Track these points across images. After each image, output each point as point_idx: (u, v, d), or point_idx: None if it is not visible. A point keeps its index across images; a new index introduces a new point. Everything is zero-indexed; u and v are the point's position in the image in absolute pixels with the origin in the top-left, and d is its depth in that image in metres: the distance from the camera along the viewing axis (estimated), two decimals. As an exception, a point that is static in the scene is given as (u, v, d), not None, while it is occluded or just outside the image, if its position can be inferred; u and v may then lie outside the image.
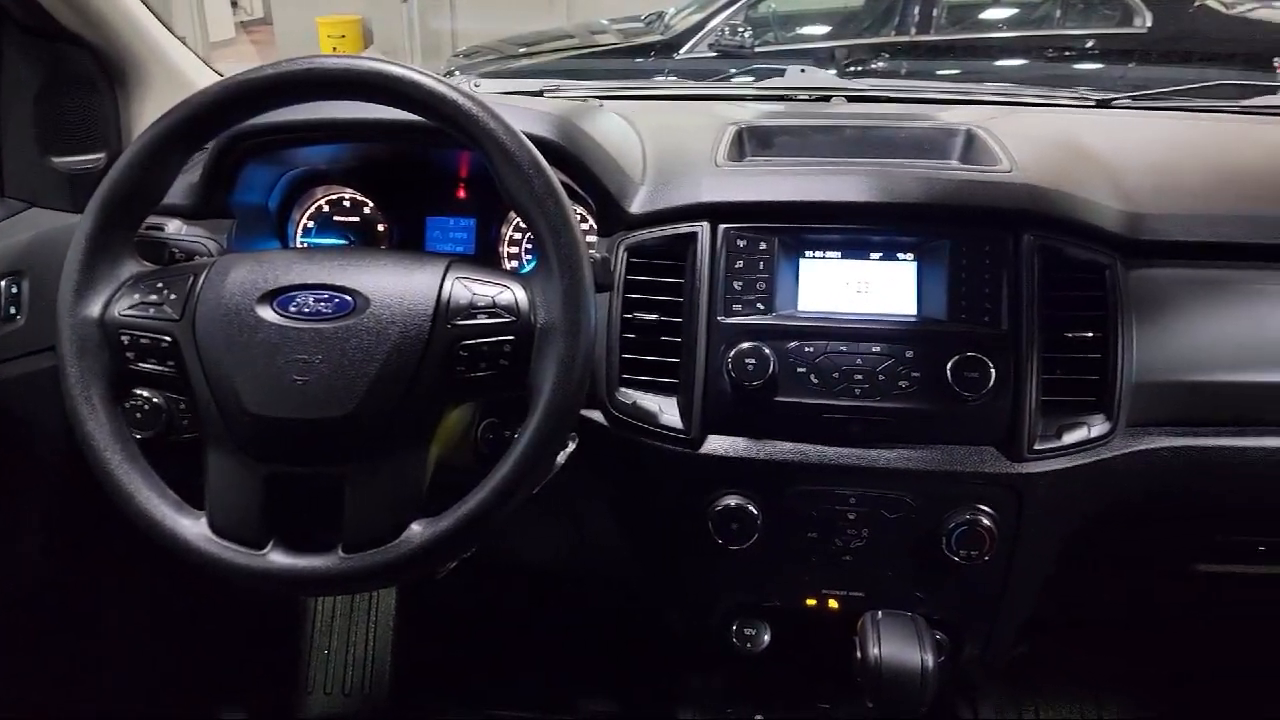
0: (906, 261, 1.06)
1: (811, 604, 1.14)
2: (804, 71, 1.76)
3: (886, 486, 1.05)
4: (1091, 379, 1.03)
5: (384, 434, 0.84)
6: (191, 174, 1.10)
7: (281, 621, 1.82)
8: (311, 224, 1.27)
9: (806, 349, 1.03)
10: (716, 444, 1.06)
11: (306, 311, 0.84)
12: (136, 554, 1.04)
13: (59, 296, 0.87)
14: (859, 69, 2.16)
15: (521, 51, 3.16)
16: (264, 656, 1.78)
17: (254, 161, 1.13)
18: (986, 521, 1.02)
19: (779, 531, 1.07)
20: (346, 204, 1.27)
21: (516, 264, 1.24)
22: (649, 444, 1.06)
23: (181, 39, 1.29)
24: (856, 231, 1.06)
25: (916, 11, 2.98)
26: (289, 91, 0.87)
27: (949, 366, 0.99)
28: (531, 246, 1.24)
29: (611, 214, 1.10)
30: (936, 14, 2.97)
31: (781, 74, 1.72)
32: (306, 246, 1.27)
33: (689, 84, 1.83)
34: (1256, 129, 1.39)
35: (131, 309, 0.87)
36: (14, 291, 1.14)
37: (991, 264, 1.03)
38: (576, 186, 1.08)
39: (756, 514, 1.06)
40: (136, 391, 0.96)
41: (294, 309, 0.84)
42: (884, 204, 1.05)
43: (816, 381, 1.03)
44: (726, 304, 1.05)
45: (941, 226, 1.05)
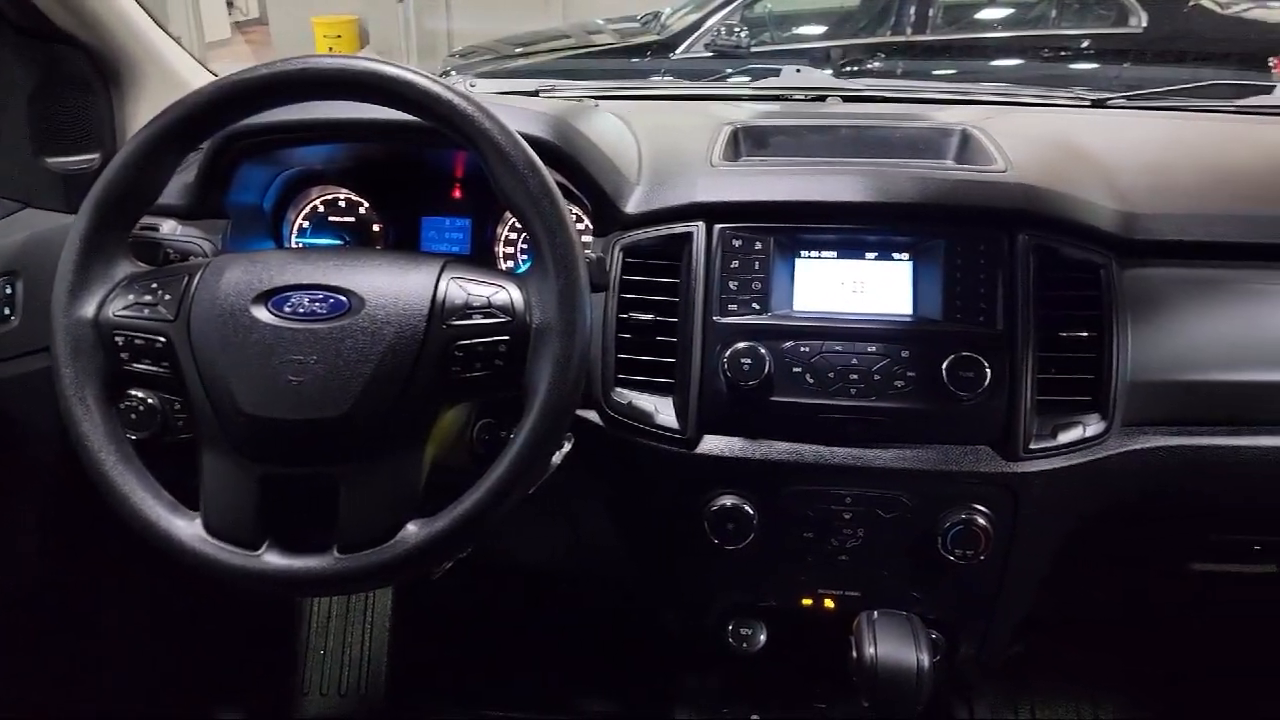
0: (902, 261, 1.06)
1: (807, 604, 1.14)
2: (799, 71, 1.76)
3: (882, 486, 1.05)
4: (1086, 378, 1.03)
5: (379, 434, 0.84)
6: (186, 174, 1.10)
7: (277, 622, 1.82)
8: (307, 224, 1.27)
9: (802, 349, 1.03)
10: (712, 444, 1.06)
11: (301, 312, 0.84)
12: (132, 555, 1.03)
13: (53, 297, 0.86)
14: (854, 69, 2.17)
15: (518, 51, 3.16)
16: (260, 657, 1.78)
17: (249, 162, 1.13)
18: (982, 521, 1.03)
19: (775, 531, 1.07)
20: (341, 204, 1.26)
21: (512, 264, 1.24)
22: (644, 444, 1.06)
23: (177, 39, 1.29)
24: (852, 231, 1.06)
25: (912, 11, 2.99)
26: (284, 91, 0.87)
27: (944, 366, 1.00)
28: (527, 247, 1.23)
29: (607, 214, 1.10)
30: (932, 14, 2.98)
31: (777, 74, 1.72)
32: (301, 247, 1.27)
33: (685, 84, 1.83)
34: (1251, 129, 1.39)
35: (126, 309, 0.86)
36: (8, 292, 1.14)
37: (987, 264, 1.03)
38: (572, 186, 1.08)
39: (752, 514, 1.06)
40: (131, 392, 0.96)
41: (289, 309, 0.84)
42: (879, 204, 1.05)
43: (812, 381, 1.03)
44: (722, 304, 1.04)
45: (937, 226, 1.05)
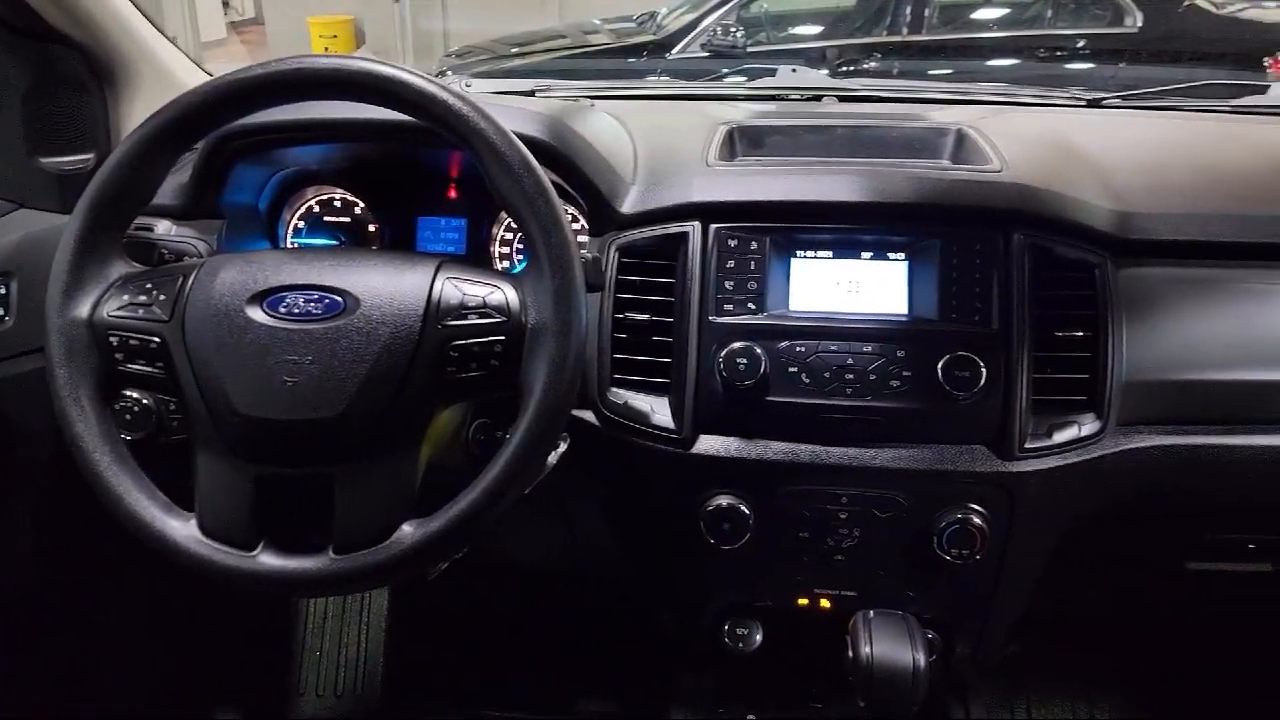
0: (898, 261, 1.06)
1: (803, 603, 1.14)
2: (795, 71, 1.76)
3: (878, 486, 1.05)
4: (1082, 378, 1.04)
5: (374, 435, 0.83)
6: (181, 174, 1.10)
7: (273, 623, 1.82)
8: (302, 224, 1.27)
9: (798, 348, 1.03)
10: (708, 444, 1.06)
11: (296, 312, 0.84)
12: (128, 556, 1.03)
13: (47, 297, 0.86)
14: (850, 69, 2.17)
15: (514, 51, 3.16)
16: (256, 658, 1.77)
17: (244, 162, 1.12)
18: (978, 520, 1.03)
19: (771, 531, 1.07)
20: (337, 204, 1.26)
21: (507, 264, 1.24)
22: (640, 444, 1.06)
23: (173, 39, 1.29)
24: (848, 231, 1.06)
25: (908, 11, 2.99)
26: (278, 91, 0.86)
27: (940, 366, 1.00)
28: (523, 247, 1.23)
29: (603, 214, 1.10)
30: (928, 14, 2.98)
31: (773, 74, 1.73)
32: (297, 247, 1.26)
33: (681, 84, 1.83)
34: (1246, 129, 1.40)
35: (120, 310, 0.86)
36: (2, 293, 1.13)
37: (982, 263, 1.03)
38: (567, 186, 1.08)
39: (748, 514, 1.06)
40: (126, 393, 0.96)
41: (284, 309, 0.84)
42: (875, 203, 1.05)
43: (808, 381, 1.03)
44: (718, 304, 1.04)
45: (932, 226, 1.05)
